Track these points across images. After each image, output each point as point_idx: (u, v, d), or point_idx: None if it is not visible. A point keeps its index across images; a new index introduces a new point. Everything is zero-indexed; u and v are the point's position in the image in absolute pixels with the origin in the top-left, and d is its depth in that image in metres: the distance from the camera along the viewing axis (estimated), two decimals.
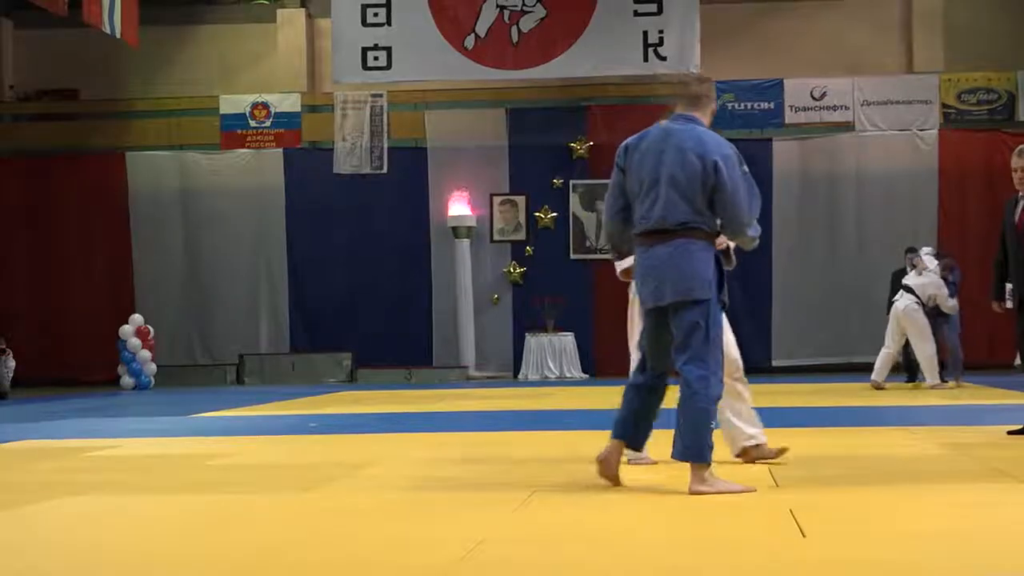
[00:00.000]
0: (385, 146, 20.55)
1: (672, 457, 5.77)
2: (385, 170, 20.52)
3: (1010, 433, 8.20)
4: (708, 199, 5.68)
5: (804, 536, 4.63)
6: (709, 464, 5.68)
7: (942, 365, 15.36)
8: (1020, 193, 8.35)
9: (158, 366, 19.63)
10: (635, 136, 5.97)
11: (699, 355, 5.65)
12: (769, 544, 4.57)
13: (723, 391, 5.83)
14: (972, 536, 4.61)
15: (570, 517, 5.25)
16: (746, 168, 5.79)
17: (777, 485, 6.03)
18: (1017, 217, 8.39)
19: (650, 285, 5.78)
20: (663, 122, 5.92)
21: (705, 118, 5.92)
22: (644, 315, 5.94)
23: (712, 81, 6.32)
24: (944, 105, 20.48)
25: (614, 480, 5.94)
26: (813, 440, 8.26)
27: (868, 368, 15.61)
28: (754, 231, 5.80)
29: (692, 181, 5.66)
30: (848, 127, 20.52)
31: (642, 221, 5.81)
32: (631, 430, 5.98)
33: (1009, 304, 8.41)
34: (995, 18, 21.26)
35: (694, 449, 5.65)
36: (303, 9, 21.62)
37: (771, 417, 9.28)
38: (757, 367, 18.74)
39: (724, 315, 6.00)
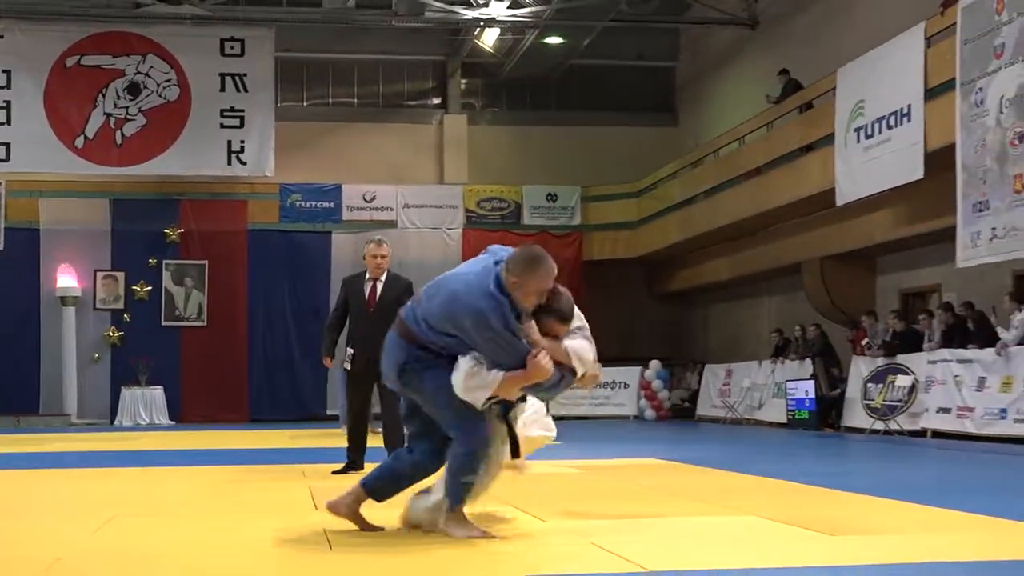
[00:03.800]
0: (2, 227, 22.46)
1: None
2: (1, 247, 22.41)
3: (334, 473, 8.93)
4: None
5: (331, 548, 5.05)
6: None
7: None
8: (371, 276, 9.21)
9: None
10: None
11: None
12: (301, 555, 5.00)
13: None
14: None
15: (144, 539, 5.57)
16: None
17: (316, 509, 6.51)
18: (367, 295, 9.17)
19: None
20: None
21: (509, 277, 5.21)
22: None
23: (530, 263, 5.21)
24: (467, 210, 24.26)
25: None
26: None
27: None
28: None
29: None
30: (392, 224, 23.55)
31: None
32: None
33: (347, 366, 9.05)
34: (506, 145, 25.70)
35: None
36: None
37: (335, 456, 9.89)
38: (317, 416, 22.24)
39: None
